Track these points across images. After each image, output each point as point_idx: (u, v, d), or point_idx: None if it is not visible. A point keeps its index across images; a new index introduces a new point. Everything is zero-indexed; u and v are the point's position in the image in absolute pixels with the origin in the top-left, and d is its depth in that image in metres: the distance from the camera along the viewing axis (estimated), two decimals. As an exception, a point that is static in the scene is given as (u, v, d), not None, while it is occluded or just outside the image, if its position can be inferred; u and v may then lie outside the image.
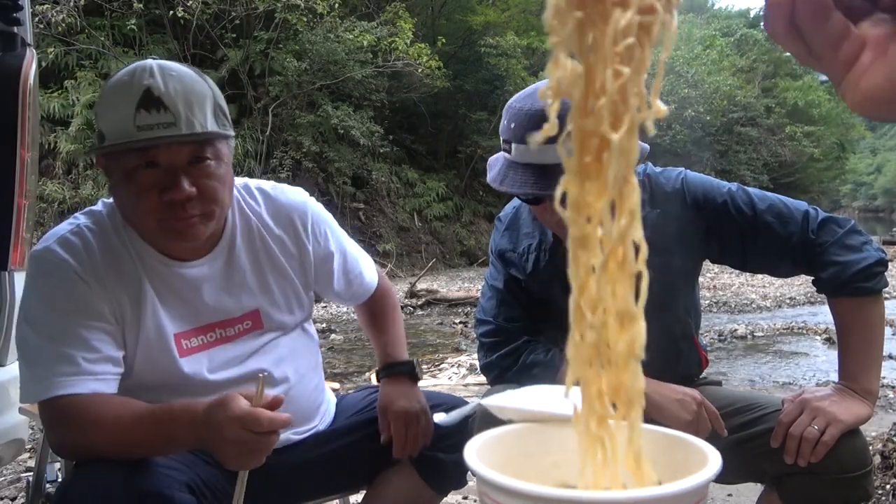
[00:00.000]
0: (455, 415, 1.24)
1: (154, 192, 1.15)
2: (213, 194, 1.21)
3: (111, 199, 1.29)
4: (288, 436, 1.38)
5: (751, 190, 1.46)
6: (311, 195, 1.48)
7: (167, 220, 1.18)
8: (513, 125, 1.32)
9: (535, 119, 1.27)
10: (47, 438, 1.21)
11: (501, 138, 1.36)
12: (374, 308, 1.64)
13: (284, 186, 1.46)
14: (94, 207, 1.30)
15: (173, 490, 1.12)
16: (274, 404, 1.07)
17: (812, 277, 1.43)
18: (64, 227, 1.25)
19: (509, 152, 1.32)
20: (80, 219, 1.27)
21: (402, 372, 1.50)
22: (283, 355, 1.39)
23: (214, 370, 1.31)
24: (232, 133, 1.26)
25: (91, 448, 1.13)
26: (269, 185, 1.45)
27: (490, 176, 1.37)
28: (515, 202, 1.57)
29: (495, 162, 1.38)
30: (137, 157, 1.14)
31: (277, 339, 1.39)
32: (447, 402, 1.49)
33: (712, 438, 1.40)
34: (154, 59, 1.20)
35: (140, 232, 1.25)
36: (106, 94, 1.18)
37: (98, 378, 1.18)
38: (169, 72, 1.16)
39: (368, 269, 1.59)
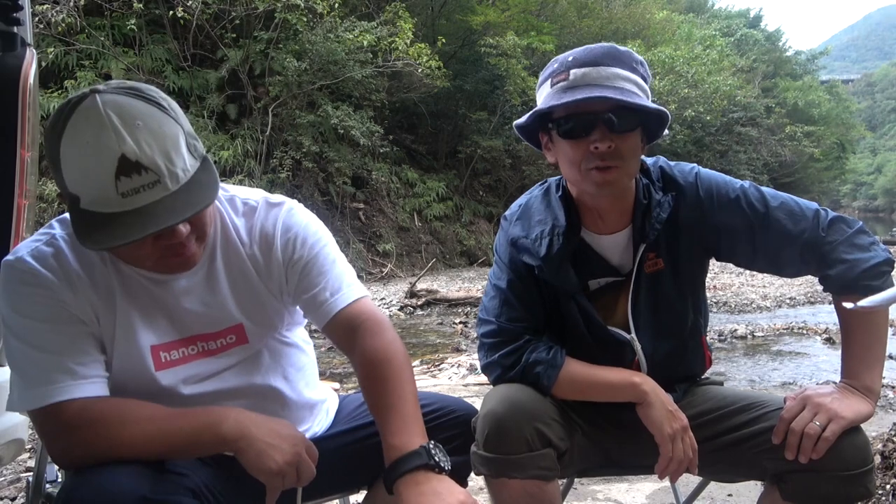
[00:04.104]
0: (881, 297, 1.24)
1: (147, 240, 1.13)
2: (203, 220, 1.22)
3: None
4: None
5: (763, 188, 1.48)
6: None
7: (164, 259, 1.19)
8: (571, 57, 1.36)
9: (599, 49, 1.35)
10: (49, 447, 1.18)
11: (550, 78, 1.38)
12: (364, 370, 1.29)
13: (271, 200, 1.39)
14: (67, 216, 1.22)
15: (178, 496, 1.12)
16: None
17: (817, 278, 1.44)
18: (38, 237, 1.24)
19: (566, 80, 1.35)
20: (55, 228, 1.25)
21: (415, 468, 1.14)
22: (265, 365, 1.38)
23: (191, 384, 1.29)
24: (203, 152, 1.20)
25: (103, 451, 1.12)
26: (256, 198, 1.38)
27: (540, 105, 1.38)
28: (522, 199, 1.58)
29: (535, 108, 1.40)
30: None
31: (261, 351, 1.38)
32: (447, 404, 1.49)
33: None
34: (101, 89, 1.10)
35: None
36: (70, 159, 1.07)
37: (93, 381, 1.18)
38: (134, 122, 1.07)
39: (343, 282, 1.36)
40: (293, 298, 1.38)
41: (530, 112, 1.41)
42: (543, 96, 1.39)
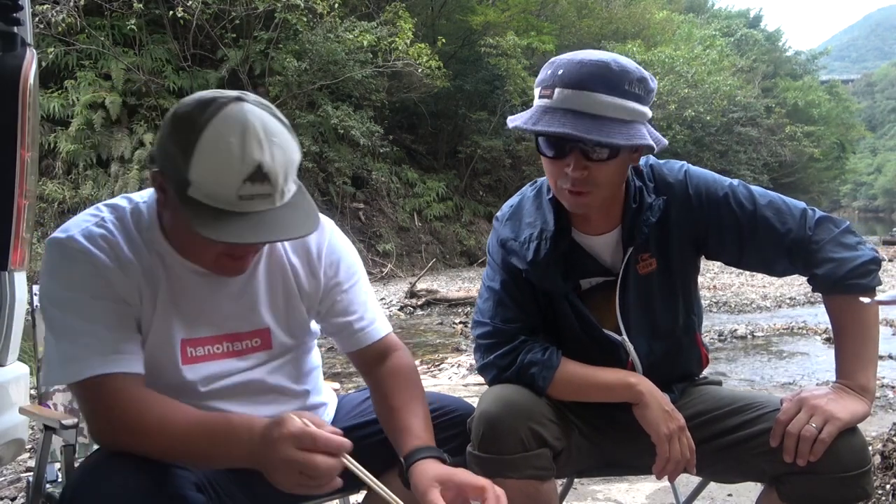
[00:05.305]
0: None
1: (220, 247, 1.19)
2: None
3: (137, 198, 1.30)
4: None
5: (752, 186, 1.48)
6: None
7: (222, 262, 1.23)
8: (561, 72, 1.32)
9: (590, 68, 1.30)
10: (88, 423, 1.20)
11: (540, 88, 1.36)
12: (390, 379, 1.40)
13: None
14: (116, 202, 1.29)
15: (185, 489, 1.13)
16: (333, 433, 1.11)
17: (805, 278, 1.45)
18: (87, 217, 1.25)
19: (550, 98, 1.32)
20: (103, 211, 1.27)
21: (433, 458, 1.26)
22: (281, 368, 1.41)
23: (210, 382, 1.31)
24: (299, 181, 1.26)
25: (133, 434, 1.12)
26: None
27: (520, 121, 1.36)
28: (514, 200, 1.58)
29: (521, 114, 1.39)
30: None
31: (280, 355, 1.41)
32: (446, 403, 1.49)
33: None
34: (247, 99, 1.16)
35: (179, 249, 1.26)
36: (207, 151, 1.11)
37: (134, 357, 1.19)
38: (272, 137, 1.13)
39: (377, 315, 1.47)
40: (321, 316, 1.44)
41: (517, 118, 1.39)
42: (534, 101, 1.39)
